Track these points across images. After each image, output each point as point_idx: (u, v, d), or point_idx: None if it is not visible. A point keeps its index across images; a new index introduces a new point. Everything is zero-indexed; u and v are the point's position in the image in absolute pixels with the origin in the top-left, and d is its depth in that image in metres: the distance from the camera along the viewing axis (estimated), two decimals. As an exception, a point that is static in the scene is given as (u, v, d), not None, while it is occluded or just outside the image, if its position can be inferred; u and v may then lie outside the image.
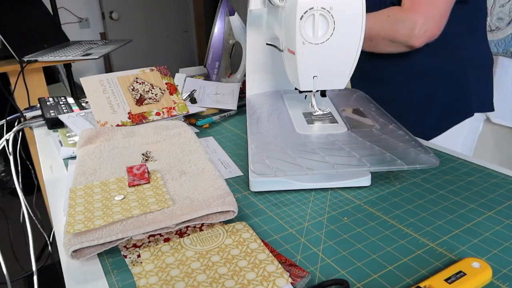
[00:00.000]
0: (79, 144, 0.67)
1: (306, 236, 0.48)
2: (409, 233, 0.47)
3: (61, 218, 0.54)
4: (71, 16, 3.24)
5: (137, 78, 0.85)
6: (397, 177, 0.61)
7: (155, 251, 0.44)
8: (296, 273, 0.40)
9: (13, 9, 1.66)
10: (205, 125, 0.86)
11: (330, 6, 0.55)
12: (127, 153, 0.65)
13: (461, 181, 0.59)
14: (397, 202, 0.54)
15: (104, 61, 3.54)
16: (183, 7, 3.84)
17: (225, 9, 1.05)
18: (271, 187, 0.58)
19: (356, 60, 0.60)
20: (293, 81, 0.65)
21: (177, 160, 0.61)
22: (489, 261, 0.42)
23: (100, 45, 1.84)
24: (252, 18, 0.77)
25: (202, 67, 1.24)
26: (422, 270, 0.42)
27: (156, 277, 0.40)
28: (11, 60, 1.56)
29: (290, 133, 0.63)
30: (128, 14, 3.51)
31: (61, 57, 1.55)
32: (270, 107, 0.75)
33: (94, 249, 0.44)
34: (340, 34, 0.57)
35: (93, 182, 0.56)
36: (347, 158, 0.54)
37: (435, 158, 0.53)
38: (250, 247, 0.44)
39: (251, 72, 0.82)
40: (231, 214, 0.49)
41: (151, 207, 0.48)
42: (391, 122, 0.66)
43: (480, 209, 0.52)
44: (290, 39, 0.60)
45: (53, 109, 0.89)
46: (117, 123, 0.77)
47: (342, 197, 0.56)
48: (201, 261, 0.42)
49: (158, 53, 3.79)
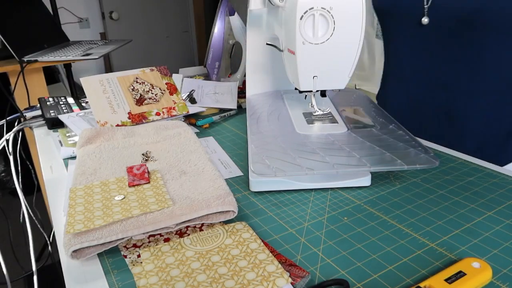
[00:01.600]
0: (79, 144, 0.67)
1: (306, 236, 0.48)
2: (409, 233, 0.47)
3: (61, 218, 0.54)
4: (71, 16, 3.24)
5: (137, 78, 0.85)
6: (397, 177, 0.61)
7: (155, 251, 0.44)
8: (296, 273, 0.40)
9: (13, 9, 1.66)
10: (205, 125, 0.86)
11: (330, 6, 0.55)
12: (127, 153, 0.65)
13: (461, 181, 0.59)
14: (397, 202, 0.54)
15: (104, 61, 3.54)
16: (183, 7, 3.84)
17: (225, 9, 1.05)
18: (271, 187, 0.58)
19: (356, 60, 0.60)
20: (293, 81, 0.65)
21: (177, 160, 0.61)
22: (489, 261, 0.42)
23: (100, 45, 1.84)
24: (252, 18, 0.77)
25: (202, 67, 1.24)
26: (422, 270, 0.42)
27: (156, 277, 0.40)
28: (11, 60, 1.56)
29: (290, 133, 0.63)
30: (128, 14, 3.51)
31: (61, 57, 1.55)
32: (270, 107, 0.75)
33: (94, 249, 0.44)
34: (340, 34, 0.57)
35: (93, 182, 0.56)
36: (347, 158, 0.54)
37: (435, 158, 0.53)
38: (250, 247, 0.44)
39: (251, 72, 0.82)
40: (231, 214, 0.49)
41: (151, 207, 0.48)
42: (391, 122, 0.66)
43: (480, 209, 0.52)
44: (290, 39, 0.60)
45: (53, 109, 0.89)
46: (117, 123, 0.77)
47: (342, 197, 0.56)
48: (201, 261, 0.42)
49: (158, 53, 3.80)
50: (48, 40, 1.79)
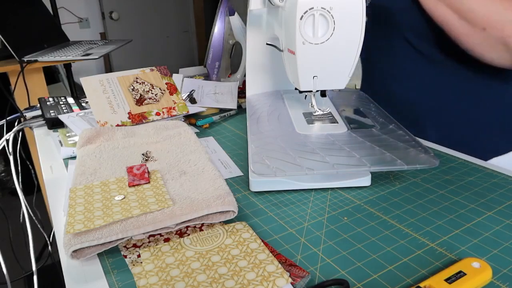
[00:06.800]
0: (79, 144, 0.67)
1: (306, 236, 0.48)
2: (409, 233, 0.47)
3: (61, 218, 0.54)
4: (71, 16, 3.24)
5: (137, 78, 0.85)
6: (397, 177, 0.61)
7: (155, 251, 0.44)
8: (296, 273, 0.40)
9: (13, 9, 1.66)
10: (205, 125, 0.86)
11: (330, 6, 0.55)
12: (127, 153, 0.65)
13: (461, 181, 0.59)
14: (397, 202, 0.54)
15: (104, 61, 3.54)
16: (183, 7, 3.84)
17: (225, 9, 1.05)
18: (271, 187, 0.58)
19: (356, 60, 0.60)
20: (293, 81, 0.65)
21: (177, 160, 0.61)
22: (489, 261, 0.42)
23: (100, 45, 1.84)
24: (252, 18, 0.77)
25: (202, 67, 1.24)
26: (422, 270, 0.42)
27: (156, 277, 0.40)
28: (11, 60, 1.56)
29: (290, 133, 0.63)
30: (128, 14, 3.51)
31: (61, 57, 1.55)
32: (270, 107, 0.75)
33: (94, 249, 0.44)
34: (340, 34, 0.57)
35: (93, 182, 0.56)
36: (347, 158, 0.54)
37: (435, 158, 0.53)
38: (250, 247, 0.44)
39: (251, 72, 0.82)
40: (231, 214, 0.49)
41: (151, 207, 0.48)
42: (391, 122, 0.66)
43: (480, 209, 0.52)
44: (290, 39, 0.60)
45: (53, 109, 0.89)
46: (117, 123, 0.77)
47: (342, 197, 0.56)
48: (201, 261, 0.42)
49: (158, 53, 3.79)
50: (48, 40, 1.79)
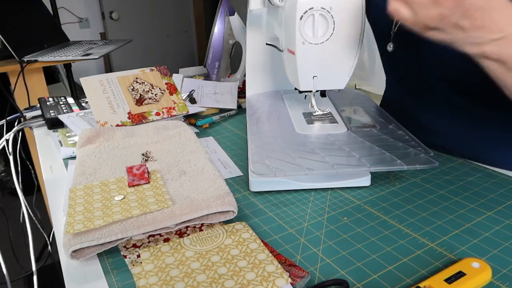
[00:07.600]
0: (79, 144, 0.67)
1: (306, 236, 0.48)
2: (409, 233, 0.47)
3: (61, 218, 0.54)
4: (71, 16, 3.24)
5: (137, 78, 0.85)
6: (397, 177, 0.61)
7: (155, 251, 0.44)
8: (296, 273, 0.40)
9: (13, 9, 1.66)
10: (205, 125, 0.86)
11: (330, 6, 0.55)
12: (127, 153, 0.65)
13: (461, 181, 0.59)
14: (397, 202, 0.54)
15: (104, 61, 3.54)
16: (183, 7, 3.83)
17: (225, 9, 1.05)
18: (271, 187, 0.58)
19: (356, 60, 0.60)
20: (293, 81, 0.65)
21: (177, 160, 0.61)
22: (489, 261, 0.42)
23: (100, 45, 1.84)
24: (252, 18, 0.77)
25: (202, 67, 1.24)
26: (422, 270, 0.42)
27: (156, 277, 0.40)
28: (11, 60, 1.56)
29: (290, 133, 0.63)
30: (128, 14, 3.51)
31: (61, 57, 1.55)
32: (270, 107, 0.75)
33: (94, 249, 0.44)
34: (340, 34, 0.57)
35: (93, 182, 0.56)
36: (346, 158, 0.54)
37: (435, 158, 0.53)
38: (250, 247, 0.44)
39: (251, 72, 0.82)
40: (231, 214, 0.49)
41: (151, 207, 0.48)
42: (391, 122, 0.66)
43: (480, 209, 0.52)
44: (290, 39, 0.60)
45: (53, 109, 0.89)
46: (117, 123, 0.77)
47: (342, 197, 0.56)
48: (200, 261, 0.42)
49: (158, 53, 3.79)
50: (48, 40, 1.79)
